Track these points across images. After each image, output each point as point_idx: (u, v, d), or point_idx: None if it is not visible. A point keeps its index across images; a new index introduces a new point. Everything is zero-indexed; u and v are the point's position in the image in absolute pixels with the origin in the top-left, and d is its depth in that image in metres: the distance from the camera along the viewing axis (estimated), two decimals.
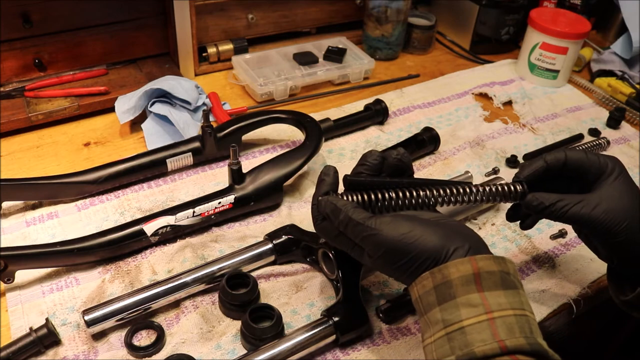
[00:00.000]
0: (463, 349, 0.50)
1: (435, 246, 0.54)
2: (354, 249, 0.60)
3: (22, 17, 0.96)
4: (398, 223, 0.56)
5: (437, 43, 1.36)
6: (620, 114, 1.11)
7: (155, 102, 0.97)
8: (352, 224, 0.57)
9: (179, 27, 1.07)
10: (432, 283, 0.54)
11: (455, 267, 0.53)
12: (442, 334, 0.52)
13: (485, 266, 0.53)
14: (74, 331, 0.67)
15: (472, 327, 0.51)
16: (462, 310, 0.52)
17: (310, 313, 0.71)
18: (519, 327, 0.51)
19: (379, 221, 0.56)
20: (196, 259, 0.76)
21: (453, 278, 0.52)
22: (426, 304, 0.54)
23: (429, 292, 0.54)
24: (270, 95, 1.10)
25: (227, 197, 0.80)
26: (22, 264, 0.70)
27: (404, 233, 0.55)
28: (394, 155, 0.64)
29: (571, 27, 1.16)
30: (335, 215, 0.59)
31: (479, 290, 0.52)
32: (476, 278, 0.52)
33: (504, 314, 0.51)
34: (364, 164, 0.64)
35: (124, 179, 0.86)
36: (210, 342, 0.66)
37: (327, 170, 0.64)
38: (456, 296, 0.52)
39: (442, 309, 0.53)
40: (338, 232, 0.60)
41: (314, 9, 1.24)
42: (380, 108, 1.04)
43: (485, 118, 1.11)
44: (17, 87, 1.01)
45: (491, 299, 0.52)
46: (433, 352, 0.53)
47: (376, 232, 0.56)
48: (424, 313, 0.55)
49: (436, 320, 0.53)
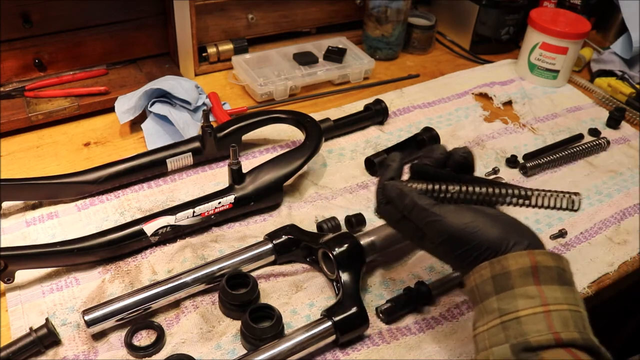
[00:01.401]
0: (518, 337, 0.51)
1: (496, 238, 0.56)
2: (415, 234, 0.61)
3: (22, 17, 0.96)
4: (462, 212, 0.58)
5: (437, 43, 1.36)
6: (620, 114, 1.11)
7: (155, 102, 0.97)
8: (417, 209, 0.59)
9: (179, 27, 1.07)
10: (490, 273, 0.55)
11: (514, 259, 0.54)
12: (497, 323, 0.53)
13: (542, 261, 0.54)
14: (74, 331, 0.67)
15: (528, 318, 0.52)
16: (519, 300, 0.53)
17: (310, 313, 0.71)
18: (573, 321, 0.52)
19: (444, 209, 0.58)
20: (196, 259, 0.76)
21: (512, 269, 0.54)
22: (483, 292, 0.56)
23: (487, 282, 0.55)
24: (270, 95, 1.10)
25: (227, 197, 0.80)
26: (22, 264, 0.70)
27: (467, 222, 0.57)
28: (461, 153, 0.65)
29: (571, 27, 1.16)
30: (401, 199, 0.60)
31: (536, 284, 0.53)
32: (534, 271, 0.54)
33: (559, 308, 0.52)
34: (429, 157, 0.65)
35: (124, 179, 0.86)
36: (210, 342, 0.66)
37: (394, 157, 0.66)
38: (514, 287, 0.54)
39: (499, 298, 0.54)
40: (400, 217, 0.62)
41: (314, 9, 1.24)
42: (380, 108, 1.04)
43: (485, 118, 1.11)
44: (17, 87, 1.01)
45: (548, 292, 0.53)
46: (486, 340, 0.54)
47: (440, 219, 0.57)
48: (480, 301, 0.56)
49: (492, 309, 0.54)
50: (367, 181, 0.93)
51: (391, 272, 0.78)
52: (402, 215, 0.61)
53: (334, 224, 0.80)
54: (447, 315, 0.72)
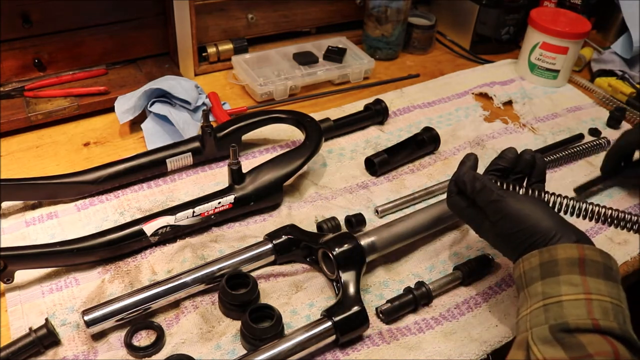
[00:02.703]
0: (557, 319, 0.54)
1: (549, 227, 0.61)
2: (476, 218, 0.68)
3: (22, 17, 0.96)
4: (523, 199, 0.64)
5: (437, 43, 1.36)
6: (621, 113, 1.11)
7: (155, 102, 0.97)
8: (485, 190, 0.66)
9: (178, 27, 1.07)
10: (539, 260, 0.59)
11: (563, 249, 0.58)
12: (540, 306, 0.57)
13: (590, 255, 0.58)
14: (73, 331, 0.67)
15: (570, 303, 0.55)
16: (563, 287, 0.56)
17: (310, 313, 0.71)
18: (613, 313, 0.54)
19: (508, 193, 0.66)
20: (196, 259, 0.76)
21: (559, 258, 0.58)
22: (529, 278, 0.60)
23: (534, 269, 0.59)
24: (270, 95, 1.10)
25: (227, 197, 0.80)
26: (22, 264, 0.70)
27: (525, 208, 0.63)
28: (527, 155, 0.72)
29: (571, 27, 1.15)
30: (473, 183, 0.67)
31: (581, 274, 0.56)
32: (580, 262, 0.57)
33: (601, 299, 0.55)
34: (502, 157, 0.72)
35: (124, 179, 0.86)
36: (210, 342, 0.66)
37: (470, 156, 0.73)
38: (559, 274, 0.57)
39: (544, 283, 0.58)
40: (467, 205, 0.69)
41: (314, 9, 1.24)
42: (380, 108, 1.04)
43: (485, 118, 1.11)
44: (16, 87, 1.01)
45: (592, 283, 0.56)
46: (527, 322, 0.57)
47: (502, 199, 0.64)
48: (525, 287, 0.60)
49: (536, 293, 0.58)
50: (367, 181, 0.93)
51: (391, 272, 0.77)
52: (469, 203, 0.68)
53: (334, 224, 0.80)
54: (447, 315, 0.72)
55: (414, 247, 0.81)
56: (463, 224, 0.85)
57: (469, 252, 0.81)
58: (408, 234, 0.77)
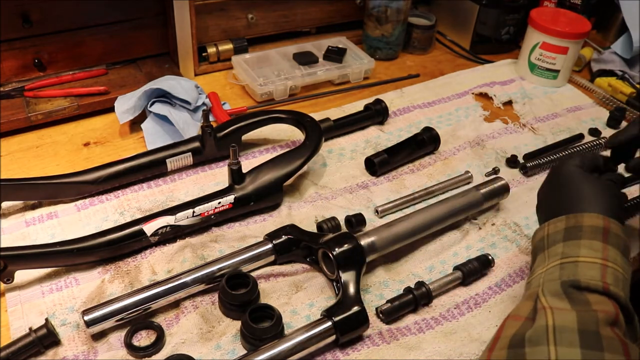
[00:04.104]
0: (570, 277, 0.56)
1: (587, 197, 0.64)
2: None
3: (22, 17, 0.96)
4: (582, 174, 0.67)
5: (437, 43, 1.36)
6: (621, 113, 1.11)
7: (155, 102, 0.97)
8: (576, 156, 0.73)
9: (178, 27, 1.07)
10: (565, 224, 0.62)
11: (589, 217, 0.61)
12: (557, 264, 0.59)
13: (615, 229, 0.60)
14: (73, 331, 0.67)
15: (585, 265, 0.57)
16: (582, 249, 0.58)
17: (310, 313, 0.71)
18: (623, 284, 0.56)
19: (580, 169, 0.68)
20: (196, 259, 0.76)
21: (584, 225, 0.60)
22: (552, 240, 0.62)
23: (559, 232, 0.62)
24: (270, 95, 1.10)
25: (227, 197, 0.80)
26: (22, 264, 0.70)
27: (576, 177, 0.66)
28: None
29: (571, 27, 1.15)
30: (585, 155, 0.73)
31: (603, 241, 0.59)
32: (604, 232, 0.59)
33: (616, 268, 0.57)
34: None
35: (124, 179, 0.86)
36: (210, 342, 0.66)
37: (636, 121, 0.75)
38: (581, 238, 0.59)
39: (565, 245, 0.60)
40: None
41: (314, 8, 1.24)
42: (380, 108, 1.04)
43: (485, 118, 1.11)
44: (16, 87, 1.01)
45: (611, 252, 0.58)
46: (541, 278, 0.59)
47: (564, 163, 0.69)
48: (547, 248, 0.62)
49: (555, 253, 0.60)
50: (367, 181, 0.93)
51: (391, 272, 0.77)
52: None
53: (334, 224, 0.80)
54: (447, 315, 0.72)
55: (414, 247, 0.80)
56: (463, 224, 0.85)
57: (469, 252, 0.81)
58: (408, 234, 0.77)
